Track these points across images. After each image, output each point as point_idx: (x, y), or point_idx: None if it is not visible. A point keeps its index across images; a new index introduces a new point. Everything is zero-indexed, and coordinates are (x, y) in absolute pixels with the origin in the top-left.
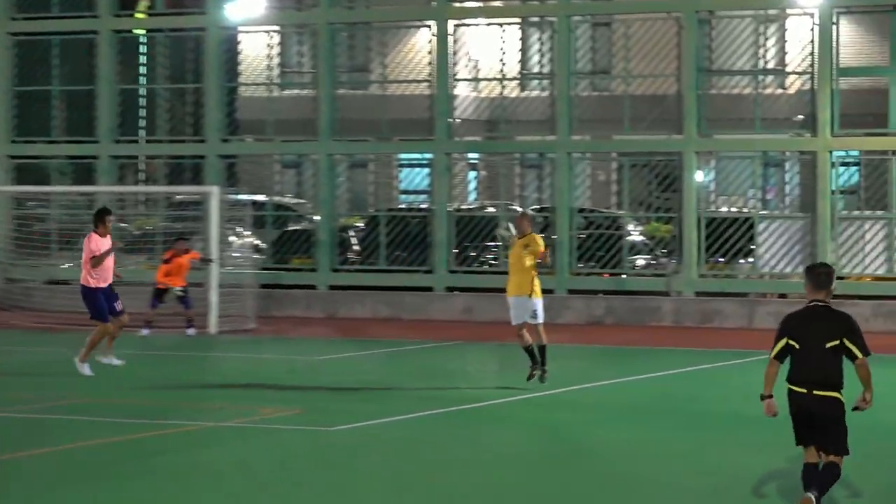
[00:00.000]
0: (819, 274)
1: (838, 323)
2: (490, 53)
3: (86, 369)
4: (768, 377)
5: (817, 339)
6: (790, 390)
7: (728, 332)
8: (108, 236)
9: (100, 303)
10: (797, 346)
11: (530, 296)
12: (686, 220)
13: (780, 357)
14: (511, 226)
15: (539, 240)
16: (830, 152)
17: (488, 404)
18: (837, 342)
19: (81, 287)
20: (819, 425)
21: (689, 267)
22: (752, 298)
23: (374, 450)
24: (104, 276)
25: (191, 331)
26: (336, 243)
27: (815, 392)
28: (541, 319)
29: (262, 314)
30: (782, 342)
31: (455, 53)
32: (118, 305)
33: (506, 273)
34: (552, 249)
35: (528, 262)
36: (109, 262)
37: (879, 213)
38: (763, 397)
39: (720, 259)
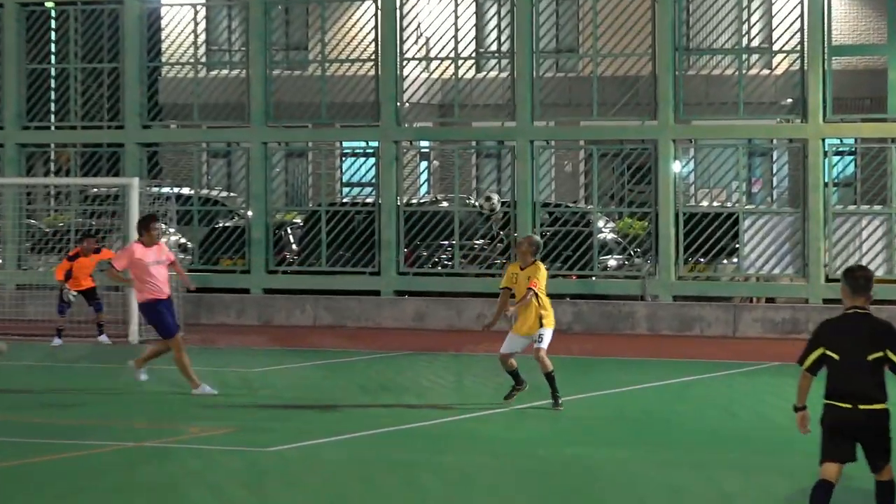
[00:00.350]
0: (858, 278)
1: (881, 332)
2: (442, 30)
3: (206, 388)
4: (801, 390)
5: (859, 349)
6: (830, 405)
7: (709, 340)
8: (159, 245)
9: (163, 317)
10: (836, 358)
11: (541, 327)
12: (662, 216)
13: (813, 369)
14: (494, 197)
15: (543, 272)
16: (823, 140)
17: (442, 421)
18: (881, 353)
19: (139, 305)
20: (864, 440)
21: (667, 268)
22: (736, 303)
23: (314, 472)
24: (157, 288)
25: (103, 338)
26: (271, 242)
27: (860, 407)
28: (544, 345)
29: (189, 321)
30: (817, 352)
31: (403, 30)
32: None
33: (462, 275)
34: (509, 247)
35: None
36: (163, 271)
37: (877, 207)
38: (797, 409)
39: (701, 259)
